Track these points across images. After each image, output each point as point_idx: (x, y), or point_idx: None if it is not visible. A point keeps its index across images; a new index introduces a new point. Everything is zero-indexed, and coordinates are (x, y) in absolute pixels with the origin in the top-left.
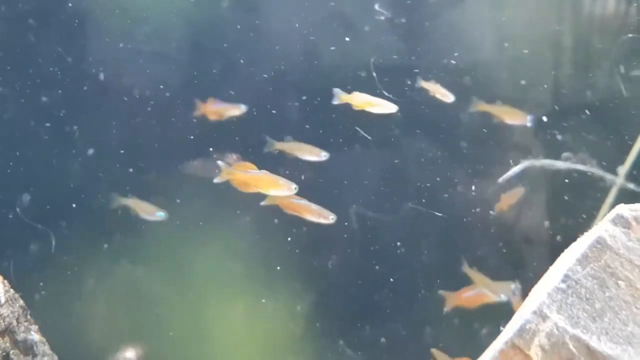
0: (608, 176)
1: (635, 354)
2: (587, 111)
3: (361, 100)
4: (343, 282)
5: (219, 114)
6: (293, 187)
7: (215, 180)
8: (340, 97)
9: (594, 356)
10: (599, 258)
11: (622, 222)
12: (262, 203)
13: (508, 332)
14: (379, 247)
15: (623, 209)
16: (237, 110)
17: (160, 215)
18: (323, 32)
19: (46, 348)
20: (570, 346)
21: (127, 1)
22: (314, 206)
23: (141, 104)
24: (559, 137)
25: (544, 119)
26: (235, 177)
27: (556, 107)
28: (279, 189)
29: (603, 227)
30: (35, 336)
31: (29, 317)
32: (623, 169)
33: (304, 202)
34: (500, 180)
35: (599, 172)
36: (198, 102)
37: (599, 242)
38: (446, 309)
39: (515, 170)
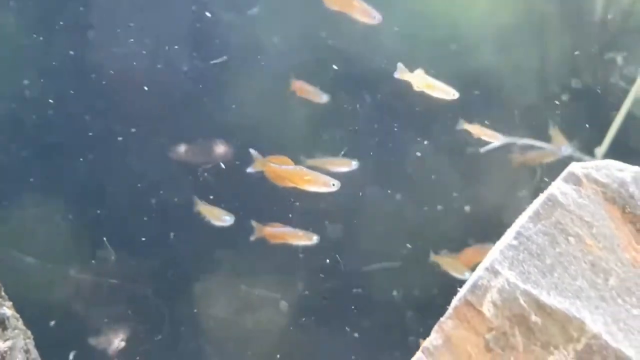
0: (586, 158)
1: (582, 307)
2: None
3: (422, 82)
4: None
5: (308, 93)
6: (331, 184)
7: (249, 170)
8: (402, 73)
9: (544, 310)
10: (550, 215)
11: (574, 179)
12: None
13: (463, 289)
14: None
15: (575, 167)
16: (320, 97)
17: (227, 219)
18: None
19: (19, 324)
20: (521, 301)
21: None
22: (295, 231)
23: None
24: None
25: None
26: (269, 169)
27: None
28: (317, 186)
29: (555, 185)
30: (7, 311)
31: (2, 293)
32: (600, 150)
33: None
34: (482, 150)
35: (578, 154)
36: (294, 81)
37: (550, 200)
38: None
39: (495, 144)
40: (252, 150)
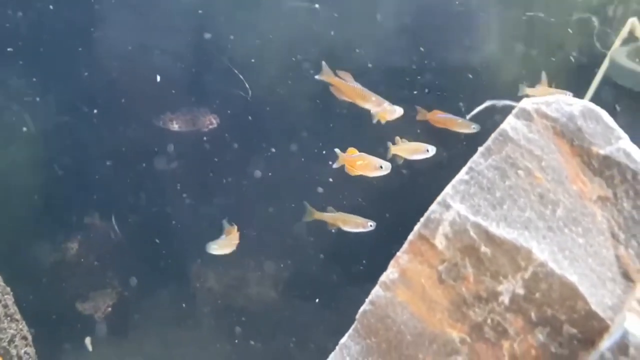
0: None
1: (530, 237)
2: None
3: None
4: None
5: (446, 124)
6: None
7: (335, 165)
8: (326, 75)
9: (493, 241)
10: (500, 150)
11: (525, 115)
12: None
13: (418, 224)
14: None
15: (526, 102)
16: (467, 128)
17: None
18: None
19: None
20: (471, 233)
21: None
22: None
23: None
24: None
25: None
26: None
27: None
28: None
29: (507, 121)
30: None
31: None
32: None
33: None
34: (468, 116)
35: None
36: (422, 111)
37: (501, 135)
38: None
39: (479, 108)
40: (336, 150)
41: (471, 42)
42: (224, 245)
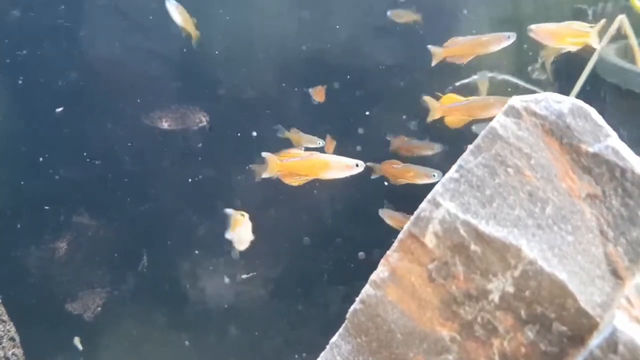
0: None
1: (520, 235)
2: None
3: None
4: None
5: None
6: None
7: (265, 175)
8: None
9: (482, 239)
10: (490, 148)
11: (514, 112)
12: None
13: (408, 223)
14: None
15: (515, 100)
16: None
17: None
18: None
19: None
20: (461, 231)
21: None
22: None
23: None
24: None
25: None
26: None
27: None
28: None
29: (496, 119)
30: None
31: None
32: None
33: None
34: (457, 84)
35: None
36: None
37: (490, 133)
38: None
39: (469, 79)
40: (264, 154)
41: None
42: (242, 238)
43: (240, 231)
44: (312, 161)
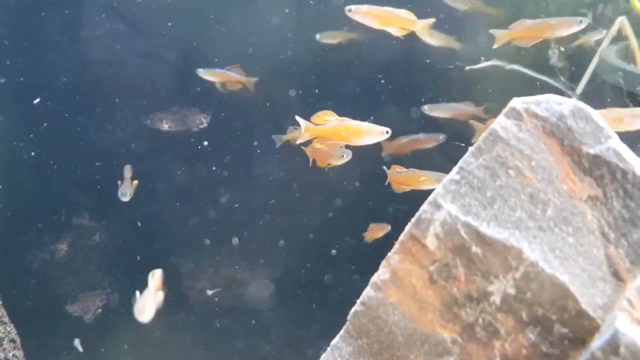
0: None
1: (521, 237)
2: None
3: None
4: None
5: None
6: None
7: (299, 141)
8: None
9: (483, 240)
10: (491, 149)
11: (514, 114)
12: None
13: (409, 224)
14: None
15: (516, 102)
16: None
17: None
18: None
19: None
20: (462, 233)
21: None
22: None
23: None
24: None
25: None
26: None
27: None
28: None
29: (497, 121)
30: None
31: None
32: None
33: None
34: (467, 69)
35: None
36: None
37: (491, 135)
38: None
39: (482, 65)
40: (298, 118)
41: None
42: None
43: (145, 301)
44: (343, 127)
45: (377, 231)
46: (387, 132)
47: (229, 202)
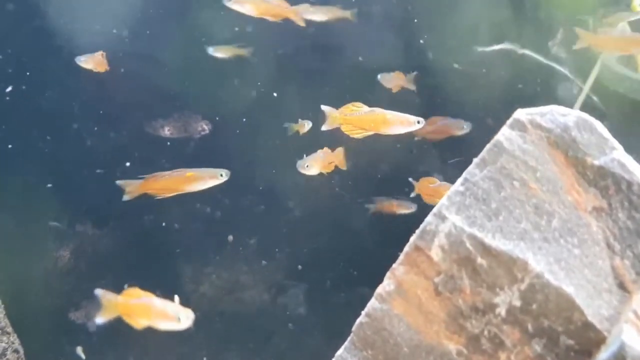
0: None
1: (526, 248)
2: None
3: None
4: None
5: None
6: (416, 122)
7: (325, 128)
8: None
9: (489, 252)
10: (495, 161)
11: (519, 125)
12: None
13: (413, 236)
14: None
15: (520, 113)
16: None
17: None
18: None
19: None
20: (467, 244)
21: None
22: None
23: None
24: None
25: None
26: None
27: None
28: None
29: (501, 132)
30: None
31: None
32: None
33: None
34: (480, 49)
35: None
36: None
37: (495, 146)
38: None
39: (493, 47)
40: (324, 107)
41: (462, 43)
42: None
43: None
44: (373, 116)
45: (427, 183)
46: (418, 122)
47: (231, 206)
